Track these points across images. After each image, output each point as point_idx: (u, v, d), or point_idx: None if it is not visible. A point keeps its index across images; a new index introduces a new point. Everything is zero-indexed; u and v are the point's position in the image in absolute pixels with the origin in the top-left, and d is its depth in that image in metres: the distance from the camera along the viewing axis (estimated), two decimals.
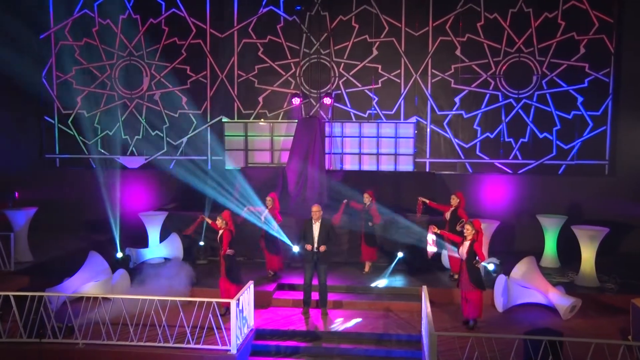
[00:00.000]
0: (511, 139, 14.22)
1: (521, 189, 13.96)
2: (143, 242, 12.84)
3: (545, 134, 14.13)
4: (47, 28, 15.53)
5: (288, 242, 10.47)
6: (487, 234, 11.72)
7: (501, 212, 13.55)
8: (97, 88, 15.44)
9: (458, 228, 10.42)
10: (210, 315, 7.99)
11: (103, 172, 14.84)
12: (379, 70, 14.50)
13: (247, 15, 14.84)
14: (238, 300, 7.97)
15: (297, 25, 14.66)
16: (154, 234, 12.75)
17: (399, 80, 14.47)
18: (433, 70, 14.35)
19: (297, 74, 14.76)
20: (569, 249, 12.05)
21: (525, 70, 14.04)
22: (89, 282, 9.99)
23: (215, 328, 7.92)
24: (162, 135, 15.33)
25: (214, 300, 8.12)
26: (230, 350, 7.82)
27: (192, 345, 7.89)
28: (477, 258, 8.75)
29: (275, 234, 10.72)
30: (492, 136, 14.27)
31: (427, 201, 11.25)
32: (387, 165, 14.64)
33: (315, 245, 9.38)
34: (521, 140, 14.20)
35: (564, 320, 9.34)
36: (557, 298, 9.54)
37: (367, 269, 11.53)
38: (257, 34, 14.84)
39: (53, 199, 14.93)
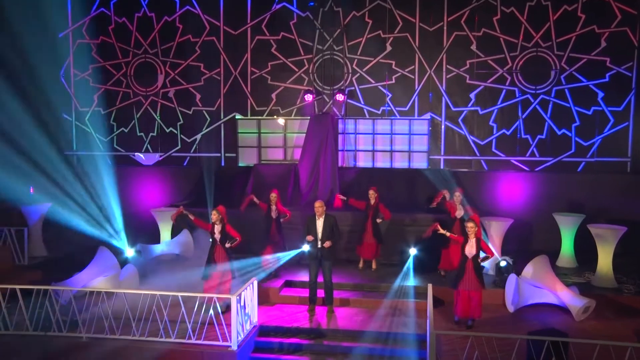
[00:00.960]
0: (528, 136, 13.88)
1: (538, 187, 13.60)
2: (156, 238, 12.92)
3: (563, 130, 13.75)
4: (66, 27, 15.76)
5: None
6: (500, 232, 11.48)
7: (518, 210, 13.23)
8: (113, 86, 15.60)
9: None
10: (211, 311, 7.95)
11: (118, 169, 15.00)
12: (393, 66, 14.31)
13: (260, 11, 14.81)
14: (239, 296, 7.93)
15: (310, 21, 14.57)
16: (165, 230, 12.81)
17: (413, 76, 14.26)
18: (448, 66, 14.10)
19: (310, 71, 14.67)
20: (587, 248, 11.67)
21: (543, 65, 13.68)
22: (98, 277, 10.07)
23: (216, 324, 7.89)
24: (176, 132, 15.41)
25: (215, 295, 8.07)
26: (230, 346, 7.77)
27: (193, 341, 7.88)
28: (483, 255, 8.54)
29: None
30: (508, 133, 13.95)
31: (447, 197, 11.00)
32: (400, 163, 14.44)
33: (319, 241, 9.25)
34: (538, 137, 13.85)
35: (577, 322, 9.05)
36: (570, 298, 9.25)
37: (374, 266, 11.40)
38: (270, 30, 14.80)
39: (71, 195, 15.12)
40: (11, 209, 12.62)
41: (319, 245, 9.25)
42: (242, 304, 8.04)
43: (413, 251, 11.17)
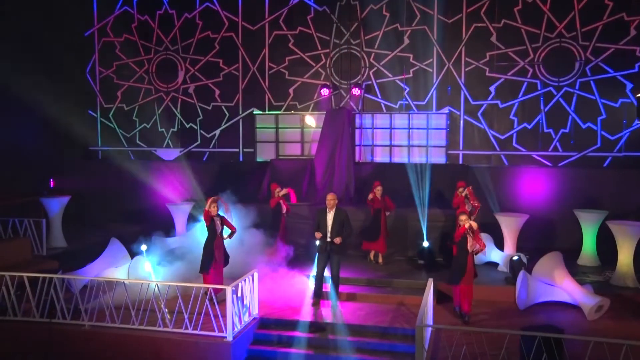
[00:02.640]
0: (550, 130, 13.41)
1: (562, 183, 13.11)
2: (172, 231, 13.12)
3: (588, 124, 13.22)
4: (91, 26, 16.17)
5: None
6: (514, 228, 11.15)
7: (539, 207, 12.82)
8: (136, 82, 15.92)
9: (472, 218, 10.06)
10: (207, 302, 7.99)
11: (140, 164, 15.31)
12: (411, 60, 14.08)
13: (278, 6, 14.82)
14: (235, 287, 7.93)
15: (327, 15, 14.49)
16: (180, 223, 12.98)
17: (431, 70, 13.99)
18: (467, 59, 13.77)
19: (327, 65, 14.59)
20: (610, 246, 11.17)
21: (566, 57, 13.20)
22: (109, 267, 10.26)
23: (212, 315, 7.91)
24: (195, 127, 15.60)
25: (210, 286, 8.10)
26: (226, 337, 7.78)
27: (189, 331, 7.92)
28: (477, 247, 8.33)
29: None
30: (529, 127, 13.51)
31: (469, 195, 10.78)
32: (418, 158, 14.19)
33: (329, 235, 9.12)
34: (562, 131, 13.36)
35: (590, 321, 8.68)
36: (582, 297, 8.87)
37: (380, 260, 11.30)
38: (287, 25, 14.79)
39: (96, 189, 15.55)
40: (32, 201, 13.01)
41: (328, 239, 9.12)
42: (238, 295, 8.03)
43: (425, 244, 11.09)
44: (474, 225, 8.46)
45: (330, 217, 9.13)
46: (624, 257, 10.12)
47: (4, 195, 13.27)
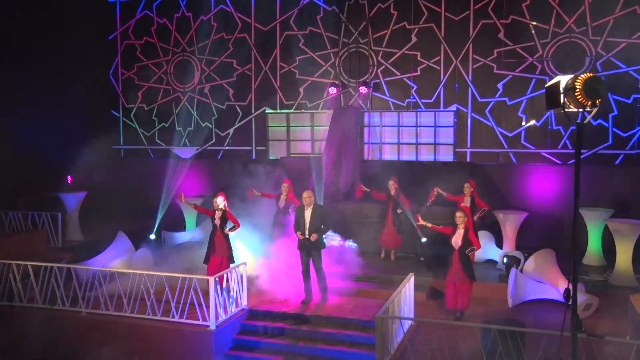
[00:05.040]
0: (560, 127, 13.18)
1: (571, 181, 12.78)
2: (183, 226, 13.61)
3: (599, 120, 12.93)
4: (114, 29, 16.89)
5: None
6: (513, 225, 11.07)
7: (548, 205, 12.61)
8: (155, 83, 16.53)
9: (476, 218, 10.03)
10: (192, 291, 8.33)
11: (159, 162, 15.88)
12: (418, 58, 14.11)
13: (288, 7, 15.11)
14: (220, 278, 8.25)
15: (336, 15, 14.68)
16: (190, 218, 13.44)
17: (438, 67, 13.99)
18: (474, 56, 13.70)
19: (337, 64, 14.78)
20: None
21: (576, 52, 12.96)
22: (115, 259, 10.79)
23: (196, 304, 8.26)
24: (211, 126, 16.07)
25: (195, 276, 8.45)
26: (209, 326, 8.11)
27: (176, 319, 8.30)
28: (471, 246, 8.32)
29: None
30: (538, 124, 13.32)
31: (444, 193, 10.76)
32: (426, 155, 14.20)
33: (307, 232, 9.28)
34: (571, 128, 13.11)
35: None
36: None
37: (392, 257, 11.41)
38: (298, 25, 15.06)
39: (118, 186, 16.21)
40: (52, 197, 13.75)
41: (307, 236, 9.30)
42: (223, 285, 8.34)
43: (424, 239, 11.13)
44: (469, 224, 8.45)
45: (307, 214, 9.28)
46: (623, 256, 9.90)
47: (28, 191, 14.08)
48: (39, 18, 15.10)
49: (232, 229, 9.60)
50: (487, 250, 11.15)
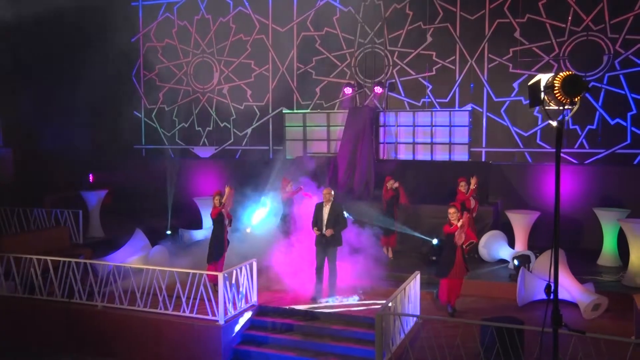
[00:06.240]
0: (576, 127, 13.03)
1: (588, 181, 12.71)
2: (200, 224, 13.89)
3: (617, 120, 12.75)
4: (137, 32, 17.31)
5: None
6: (525, 225, 11.01)
7: (564, 205, 12.45)
8: (176, 84, 16.89)
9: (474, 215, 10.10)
10: (202, 287, 8.57)
11: (179, 161, 16.25)
12: (433, 57, 14.11)
13: (305, 8, 15.27)
14: (229, 274, 8.46)
15: (352, 15, 14.78)
16: (207, 216, 13.68)
17: (453, 67, 13.97)
18: (490, 55, 13.64)
19: (352, 64, 14.88)
20: None
21: (593, 50, 12.80)
22: (132, 256, 11.12)
23: (206, 300, 8.48)
24: (229, 126, 16.35)
25: (204, 272, 8.67)
26: (218, 320, 8.33)
27: (187, 314, 8.54)
28: (470, 240, 8.37)
29: None
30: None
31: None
32: (441, 155, 14.20)
33: (324, 228, 9.48)
34: (588, 127, 12.97)
35: (586, 319, 8.52)
36: (579, 294, 8.72)
37: (390, 255, 11.46)
38: (314, 26, 15.22)
39: (139, 185, 16.62)
40: (75, 195, 14.20)
41: (323, 232, 9.48)
42: (232, 281, 8.55)
43: (434, 241, 11.18)
44: (465, 220, 8.51)
45: (326, 210, 9.48)
46: (636, 256, 9.78)
47: (53, 189, 14.58)
48: (67, 24, 15.65)
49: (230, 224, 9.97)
50: (499, 250, 11.13)
